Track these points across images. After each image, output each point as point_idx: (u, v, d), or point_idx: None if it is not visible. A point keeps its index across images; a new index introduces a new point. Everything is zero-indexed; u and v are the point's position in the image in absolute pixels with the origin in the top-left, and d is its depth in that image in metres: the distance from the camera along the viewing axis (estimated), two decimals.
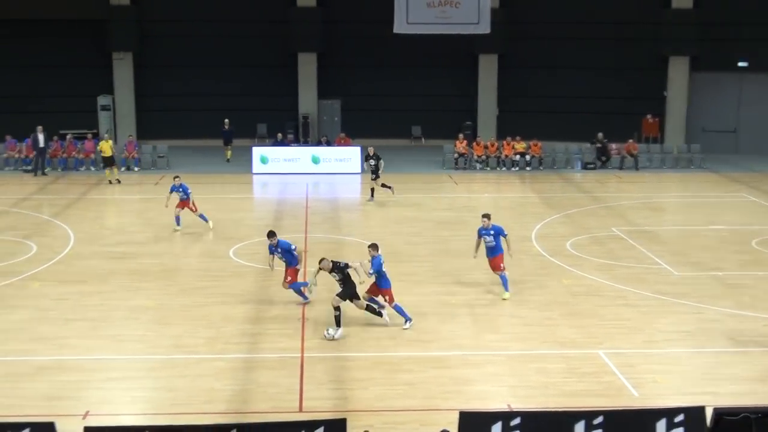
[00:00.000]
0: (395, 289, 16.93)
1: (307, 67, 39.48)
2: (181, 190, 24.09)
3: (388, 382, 14.27)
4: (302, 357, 15.30)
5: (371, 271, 16.69)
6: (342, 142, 35.90)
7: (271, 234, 18.20)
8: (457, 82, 40.05)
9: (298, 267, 18.07)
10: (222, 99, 38.72)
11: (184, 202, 24.12)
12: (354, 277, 16.53)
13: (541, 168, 35.02)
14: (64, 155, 34.56)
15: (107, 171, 31.83)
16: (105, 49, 38.46)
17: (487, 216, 18.62)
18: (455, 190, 31.37)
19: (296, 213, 27.08)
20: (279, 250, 17.96)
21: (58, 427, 10.42)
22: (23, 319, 17.15)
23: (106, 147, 31.87)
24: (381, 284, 16.87)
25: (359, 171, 33.28)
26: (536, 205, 28.31)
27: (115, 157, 32.17)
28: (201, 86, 39.14)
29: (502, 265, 18.54)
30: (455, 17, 35.67)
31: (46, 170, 33.44)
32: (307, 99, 39.68)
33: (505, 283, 18.50)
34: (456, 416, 10.71)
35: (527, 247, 22.55)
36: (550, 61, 38.77)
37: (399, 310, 16.84)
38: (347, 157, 33.86)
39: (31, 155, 33.77)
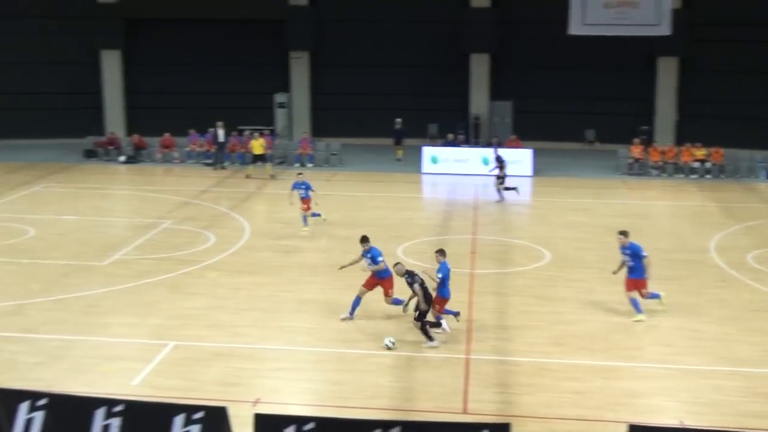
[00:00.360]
0: (566, 294, 16.58)
1: (480, 68, 39.30)
2: (303, 187, 24.24)
3: (555, 389, 13.98)
4: (467, 358, 15.21)
5: (439, 275, 16.23)
6: (513, 144, 35.55)
7: (364, 239, 17.45)
8: (632, 85, 38.82)
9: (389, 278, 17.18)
10: (394, 98, 39.09)
11: (306, 201, 24.17)
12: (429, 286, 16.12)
13: (722, 176, 33.46)
14: (242, 150, 35.82)
15: (251, 167, 32.84)
16: (283, 48, 39.58)
17: (623, 233, 17.29)
18: (628, 196, 30.44)
19: (465, 214, 27.01)
20: (369, 255, 17.30)
21: (229, 412, 10.75)
22: (200, 307, 17.85)
23: (257, 145, 32.83)
24: (440, 292, 16.30)
25: (530, 174, 32.87)
26: (716, 215, 27.07)
27: (266, 154, 33.02)
28: (374, 85, 39.64)
29: (643, 290, 17.06)
30: (634, 18, 34.61)
31: (224, 164, 34.78)
32: (479, 100, 39.52)
33: (635, 306, 17.09)
34: (624, 429, 10.35)
35: (705, 259, 21.63)
36: (733, 65, 37.01)
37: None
38: (518, 159, 33.50)
39: (211, 149, 35.23)
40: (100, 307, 17.77)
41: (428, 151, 34.26)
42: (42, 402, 11.27)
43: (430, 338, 15.74)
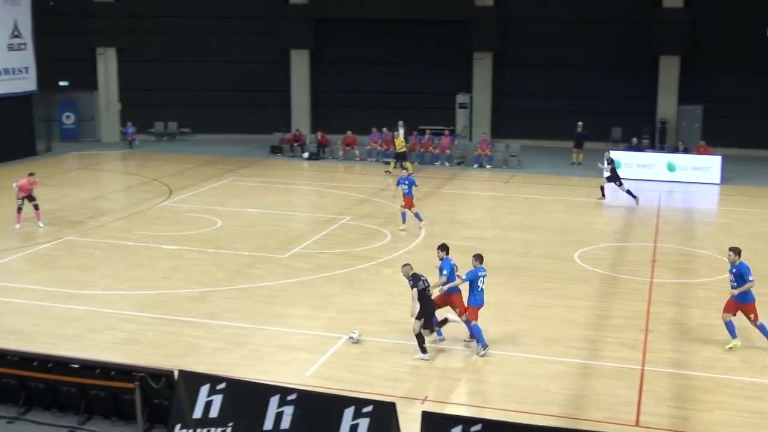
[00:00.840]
0: None
1: (669, 71, 37.95)
2: (406, 183, 24.19)
3: (735, 408, 13.32)
4: (642, 370, 14.72)
5: (463, 278, 15.56)
6: (701, 150, 34.11)
7: (442, 247, 16.42)
8: None
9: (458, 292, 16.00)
10: (576, 101, 38.40)
11: (408, 199, 24.10)
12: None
13: None
14: (422, 150, 36.13)
15: (392, 163, 33.33)
16: (466, 49, 39.60)
17: (733, 250, 15.59)
18: None
19: (647, 221, 26.16)
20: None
21: (398, 407, 10.85)
22: (374, 302, 18.12)
23: (399, 143, 33.29)
24: (471, 301, 15.55)
25: (718, 181, 31.48)
26: None
27: (407, 153, 33.52)
28: (556, 87, 39.08)
29: (751, 315, 15.34)
30: None
31: (404, 163, 35.16)
32: (667, 104, 38.17)
33: (730, 330, 15.53)
34: None
35: None
36: None
37: (476, 332, 15.42)
38: (706, 166, 32.14)
39: (390, 148, 35.73)
40: (279, 298, 18.37)
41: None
42: (221, 386, 11.76)
43: (423, 350, 15.10)
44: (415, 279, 15.25)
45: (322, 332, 16.36)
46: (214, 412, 11.61)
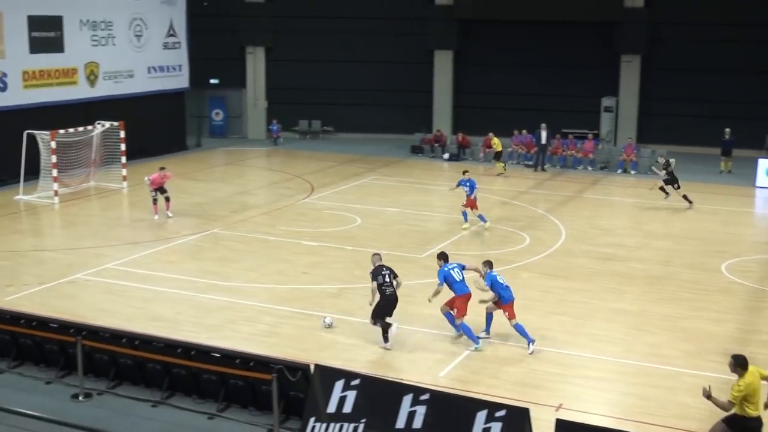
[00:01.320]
0: None
1: None
2: (468, 185, 24.21)
3: None
4: None
5: (486, 285, 15.86)
6: None
7: (440, 256, 16.37)
8: None
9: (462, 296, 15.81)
10: (725, 106, 36.96)
11: (470, 200, 24.19)
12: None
13: None
14: (564, 153, 35.59)
15: (502, 164, 33.78)
16: (613, 51, 38.71)
17: None
18: None
19: None
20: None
21: (531, 414, 10.72)
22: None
23: (497, 143, 34.28)
24: (501, 299, 15.75)
25: None
26: None
27: (502, 151, 34.13)
28: (706, 92, 37.71)
29: None
30: None
31: (545, 166, 34.75)
32: None
33: None
34: None
35: None
36: None
37: (520, 331, 15.59)
38: None
39: (532, 151, 35.34)
40: (415, 298, 18.38)
41: (764, 164, 31.95)
42: (355, 382, 11.90)
43: (385, 339, 15.47)
44: (375, 273, 15.75)
45: (456, 333, 16.30)
46: (347, 408, 11.76)
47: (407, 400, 11.47)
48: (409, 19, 40.51)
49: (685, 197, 27.42)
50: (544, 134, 34.46)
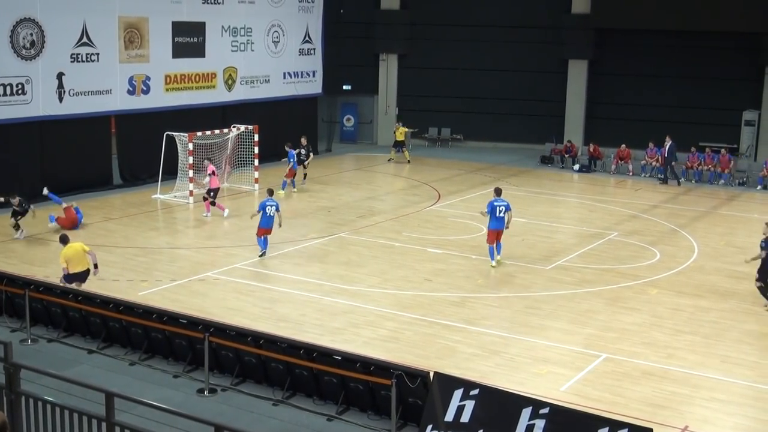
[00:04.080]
0: None
1: None
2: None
3: None
4: None
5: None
6: None
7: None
8: None
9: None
10: None
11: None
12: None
13: None
14: (700, 168, 34.47)
15: (392, 152, 36.23)
16: (757, 63, 37.21)
17: None
18: None
19: None
20: None
21: None
22: (637, 323, 17.49)
23: (398, 133, 37.14)
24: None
25: None
26: None
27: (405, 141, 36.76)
28: None
29: None
30: None
31: (679, 180, 33.74)
32: None
33: None
34: None
35: None
36: None
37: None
38: None
39: (662, 163, 34.39)
40: (539, 310, 18.19)
41: None
42: (474, 392, 11.79)
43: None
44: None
45: (581, 348, 16.02)
46: (465, 417, 11.66)
47: (526, 412, 11.29)
48: (544, 28, 40.05)
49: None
50: (667, 147, 33.53)
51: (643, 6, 37.57)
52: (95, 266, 17.27)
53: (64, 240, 17.38)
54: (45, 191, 24.99)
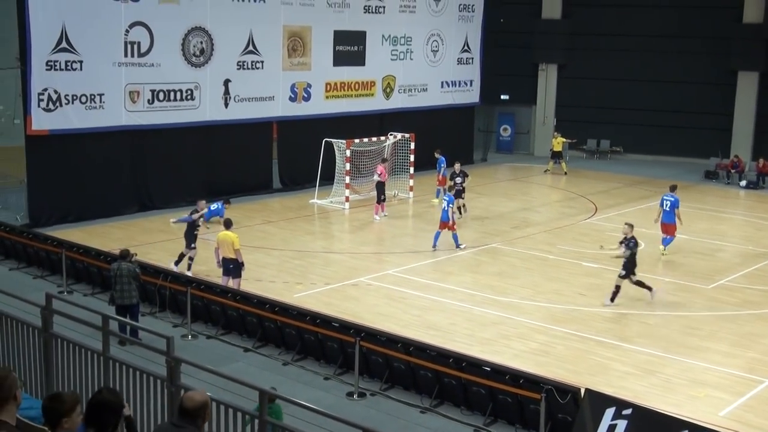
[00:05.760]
0: None
1: None
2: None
3: None
4: None
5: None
6: None
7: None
8: None
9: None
10: None
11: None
12: None
13: None
14: None
15: (550, 163, 36.59)
16: None
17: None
18: None
19: None
20: None
21: None
22: None
23: (556, 143, 36.38)
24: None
25: None
26: None
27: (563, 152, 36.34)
28: None
29: None
30: None
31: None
32: None
33: None
34: None
35: None
36: None
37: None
38: None
39: None
40: (699, 330, 17.49)
41: None
42: (627, 411, 11.47)
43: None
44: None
45: (743, 372, 15.29)
46: None
47: None
48: (712, 38, 38.54)
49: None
50: None
51: None
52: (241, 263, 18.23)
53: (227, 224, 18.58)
54: (172, 221, 23.93)
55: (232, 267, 18.11)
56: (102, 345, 9.73)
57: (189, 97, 27.65)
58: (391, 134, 31.28)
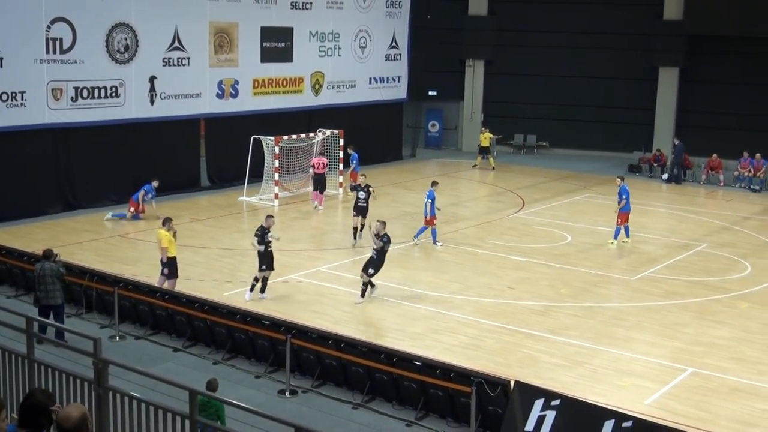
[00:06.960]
0: None
1: None
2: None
3: None
4: None
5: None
6: None
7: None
8: None
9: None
10: None
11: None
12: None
13: None
14: None
15: (478, 158, 37.07)
16: None
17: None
18: None
19: None
20: None
21: None
22: (726, 337, 17.04)
23: (484, 138, 36.83)
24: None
25: None
26: None
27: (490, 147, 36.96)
28: None
29: None
30: None
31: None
32: None
33: None
34: None
35: None
36: None
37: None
38: None
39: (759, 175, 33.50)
40: (624, 321, 17.86)
41: None
42: (555, 402, 11.66)
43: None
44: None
45: (667, 361, 15.66)
46: (546, 428, 11.52)
47: (608, 425, 11.11)
48: (634, 34, 39.33)
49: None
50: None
51: (736, 13, 36.57)
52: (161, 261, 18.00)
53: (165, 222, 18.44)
54: (109, 215, 25.69)
55: (164, 266, 17.87)
56: (26, 348, 9.54)
57: (114, 94, 27.19)
58: (320, 131, 31.21)
